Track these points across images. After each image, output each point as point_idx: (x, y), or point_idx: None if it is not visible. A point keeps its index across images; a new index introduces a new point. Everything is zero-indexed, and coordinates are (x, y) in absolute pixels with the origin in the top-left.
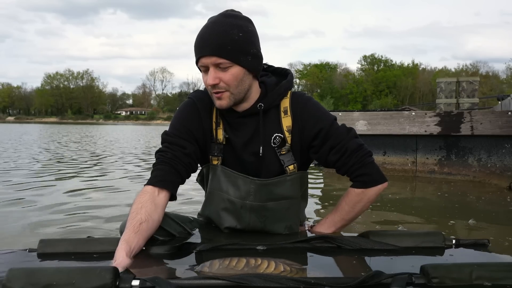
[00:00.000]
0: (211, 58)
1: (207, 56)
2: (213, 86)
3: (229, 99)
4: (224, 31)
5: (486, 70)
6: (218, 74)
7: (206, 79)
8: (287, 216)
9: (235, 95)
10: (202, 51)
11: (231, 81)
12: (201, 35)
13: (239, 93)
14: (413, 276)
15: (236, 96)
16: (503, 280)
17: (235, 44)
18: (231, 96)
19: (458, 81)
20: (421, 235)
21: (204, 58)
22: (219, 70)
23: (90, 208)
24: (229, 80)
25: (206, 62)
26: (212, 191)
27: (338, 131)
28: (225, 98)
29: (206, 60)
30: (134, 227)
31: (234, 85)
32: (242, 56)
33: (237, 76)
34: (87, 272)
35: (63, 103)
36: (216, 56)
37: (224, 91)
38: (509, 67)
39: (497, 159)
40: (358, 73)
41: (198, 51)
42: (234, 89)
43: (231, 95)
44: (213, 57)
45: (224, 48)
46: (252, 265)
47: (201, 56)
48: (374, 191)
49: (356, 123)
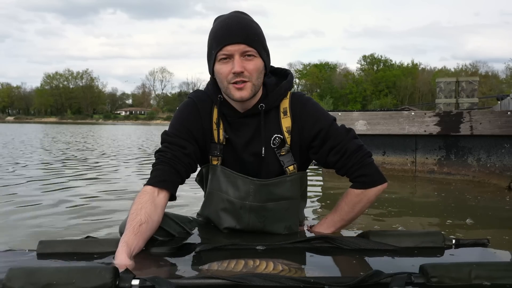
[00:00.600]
0: (240, 46)
1: (236, 44)
2: (237, 74)
3: (251, 90)
4: (250, 24)
5: (486, 70)
6: (243, 63)
7: (227, 69)
8: (286, 217)
9: (255, 86)
10: (231, 38)
11: (254, 71)
12: (227, 25)
13: (258, 85)
14: (412, 276)
15: (256, 88)
16: (502, 280)
17: (259, 36)
18: (252, 87)
19: (457, 81)
20: (421, 235)
21: (232, 45)
22: (244, 60)
23: (90, 209)
24: (253, 69)
25: (233, 50)
26: (212, 191)
27: (337, 131)
28: (247, 89)
29: (233, 47)
30: (134, 228)
31: (255, 75)
32: (263, 50)
33: (259, 68)
34: (87, 271)
35: (62, 103)
36: (245, 44)
37: (247, 81)
38: (508, 67)
39: (497, 159)
40: (357, 73)
41: (224, 39)
42: (255, 80)
43: (253, 86)
44: (242, 45)
45: (252, 38)
46: (250, 266)
47: (229, 43)
48: (373, 191)
49: (355, 123)
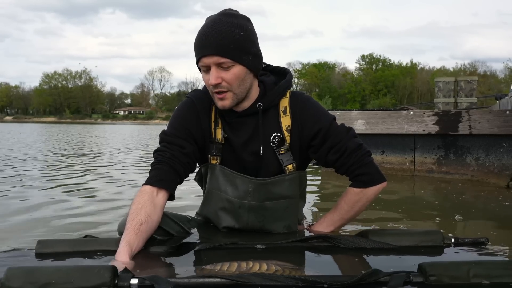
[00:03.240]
0: (213, 58)
1: (209, 56)
2: (215, 86)
3: (232, 99)
4: (226, 31)
5: (484, 69)
6: (220, 73)
7: (208, 79)
8: (285, 216)
9: (237, 94)
10: (204, 50)
11: (233, 80)
12: (202, 35)
13: (241, 93)
14: (410, 274)
15: (239, 95)
16: (500, 278)
17: (237, 43)
18: (233, 96)
19: (456, 81)
20: (420, 234)
21: (206, 57)
22: (221, 70)
23: (88, 208)
24: (231, 79)
25: (208, 62)
26: (211, 190)
27: (337, 130)
28: (228, 98)
29: (208, 59)
30: (134, 228)
31: (236, 84)
32: (244, 55)
33: (239, 76)
34: (86, 270)
35: (61, 103)
36: (218, 56)
37: (227, 91)
38: (507, 66)
39: (495, 158)
40: (356, 73)
41: (199, 51)
42: (236, 88)
43: (234, 95)
44: (215, 57)
45: (226, 48)
46: (244, 268)
47: (203, 55)
48: (373, 190)
49: (354, 122)
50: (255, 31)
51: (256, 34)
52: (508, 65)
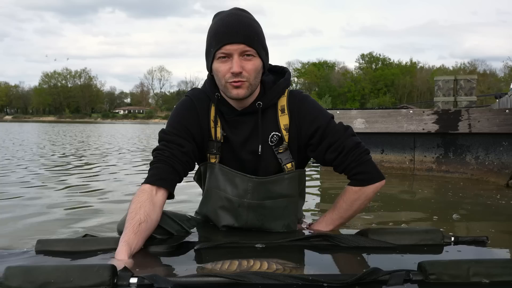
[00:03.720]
0: (239, 46)
1: (236, 44)
2: (236, 74)
3: (247, 89)
4: (250, 23)
5: (484, 68)
6: (241, 62)
7: (225, 68)
8: (285, 214)
9: (252, 86)
10: (231, 38)
11: (253, 71)
12: (227, 23)
13: (255, 85)
14: (410, 273)
15: (253, 87)
16: (500, 277)
17: (259, 36)
18: (249, 87)
19: (456, 79)
20: (420, 233)
21: (231, 45)
22: (243, 59)
23: (87, 207)
24: (251, 69)
25: (232, 49)
26: (210, 189)
27: (335, 129)
28: (244, 88)
29: (232, 47)
30: (133, 227)
31: (253, 75)
32: (262, 50)
33: (257, 67)
34: (85, 269)
35: (60, 102)
36: (245, 44)
37: (245, 81)
38: (506, 65)
39: (495, 157)
40: (356, 72)
41: (223, 38)
42: (253, 79)
43: (250, 85)
44: (242, 45)
45: (253, 38)
46: (244, 266)
47: (228, 43)
48: (371, 189)
49: (354, 121)
50: None
51: None
52: (507, 64)
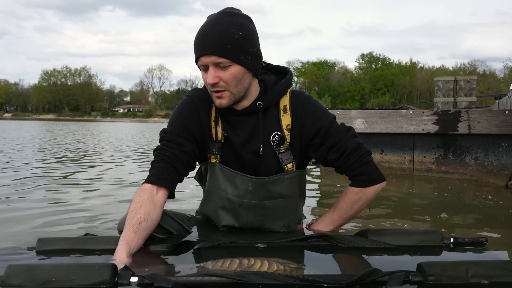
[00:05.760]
0: (211, 57)
1: (207, 55)
2: (212, 85)
3: (229, 98)
4: (224, 30)
5: (484, 69)
6: (217, 73)
7: (206, 78)
8: (285, 215)
9: (234, 94)
10: (202, 50)
11: (231, 80)
12: (201, 34)
13: (238, 92)
14: (409, 274)
15: (236, 95)
16: (499, 278)
17: (235, 43)
18: (231, 95)
19: (455, 80)
20: (420, 234)
21: (204, 57)
22: (219, 69)
23: (88, 206)
24: (228, 79)
25: (206, 61)
26: (210, 189)
27: (337, 130)
28: (225, 97)
29: (205, 59)
30: (133, 226)
31: (233, 84)
32: (242, 55)
33: (236, 75)
34: (86, 268)
35: (60, 100)
36: (215, 55)
37: (224, 90)
38: (506, 66)
39: (494, 158)
40: (356, 72)
41: (197, 50)
42: (233, 88)
43: (231, 94)
44: (213, 56)
45: (224, 47)
46: (245, 265)
47: (201, 55)
48: (372, 190)
49: (353, 121)
50: (256, 30)
51: (256, 33)
52: (507, 65)
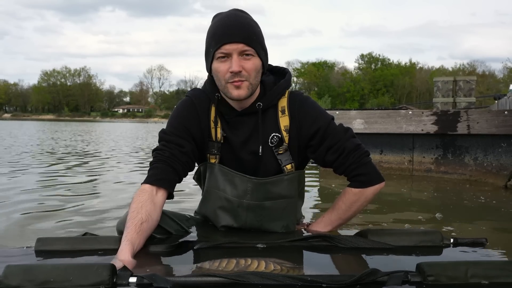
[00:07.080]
0: (239, 45)
1: (235, 43)
2: (235, 74)
3: (248, 89)
4: (249, 23)
5: (483, 69)
6: (241, 62)
7: (225, 68)
8: (284, 215)
9: (253, 85)
10: (229, 37)
11: (252, 70)
12: (226, 24)
13: (255, 84)
14: (409, 274)
15: (254, 87)
16: (498, 278)
17: (258, 36)
18: (249, 86)
19: (455, 80)
20: (419, 234)
21: (230, 44)
22: (242, 59)
23: (87, 206)
24: (251, 69)
25: (231, 49)
26: (209, 189)
27: (335, 130)
28: (244, 88)
29: (231, 46)
30: (136, 226)
31: (253, 74)
32: (262, 49)
33: (257, 67)
34: (85, 269)
35: (60, 100)
36: (244, 44)
37: (244, 80)
38: (506, 66)
39: (493, 158)
40: (355, 72)
41: (223, 38)
42: (253, 79)
43: (250, 85)
44: (241, 44)
45: (251, 37)
46: (242, 265)
47: (227, 42)
48: (371, 190)
49: (353, 121)
50: None
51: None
52: (507, 65)
